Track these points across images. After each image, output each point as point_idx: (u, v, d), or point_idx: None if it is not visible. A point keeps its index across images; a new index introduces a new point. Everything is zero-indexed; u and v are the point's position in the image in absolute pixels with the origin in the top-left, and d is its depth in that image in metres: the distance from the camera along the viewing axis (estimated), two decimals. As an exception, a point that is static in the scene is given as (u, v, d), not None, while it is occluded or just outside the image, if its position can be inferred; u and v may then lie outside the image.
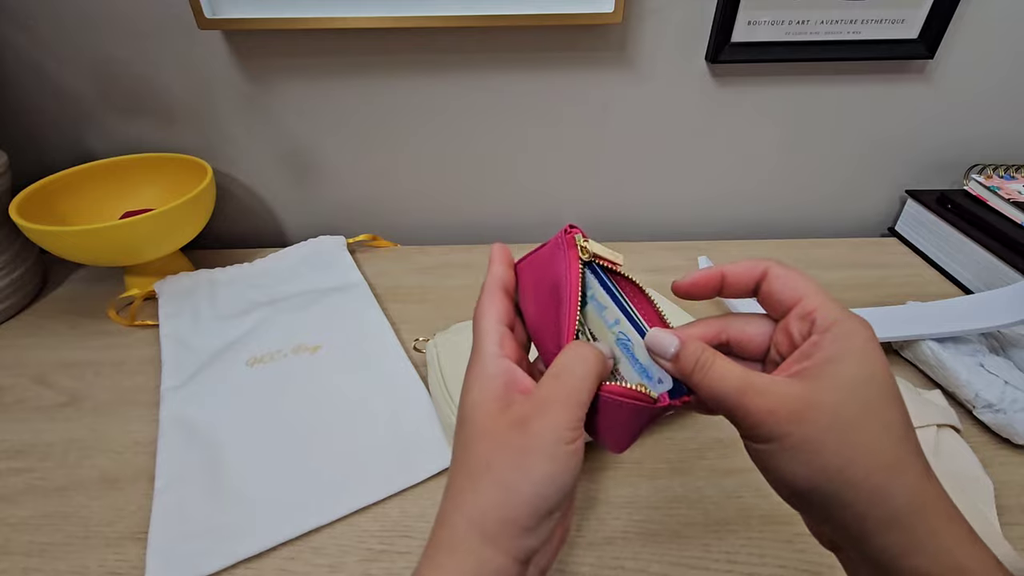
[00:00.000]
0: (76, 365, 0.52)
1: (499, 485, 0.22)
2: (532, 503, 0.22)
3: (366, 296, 0.60)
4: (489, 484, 0.22)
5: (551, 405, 0.23)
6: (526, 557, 0.23)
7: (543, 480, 0.22)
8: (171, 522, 0.38)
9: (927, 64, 0.64)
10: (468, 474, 0.23)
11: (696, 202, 0.74)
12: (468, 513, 0.22)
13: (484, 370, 0.25)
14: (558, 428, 0.22)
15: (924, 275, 0.65)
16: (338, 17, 0.55)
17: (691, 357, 0.23)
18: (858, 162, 0.71)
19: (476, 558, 0.22)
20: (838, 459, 0.20)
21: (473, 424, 0.24)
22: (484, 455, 0.23)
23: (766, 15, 0.58)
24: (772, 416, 0.21)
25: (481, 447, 0.23)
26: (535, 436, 0.22)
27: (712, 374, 0.23)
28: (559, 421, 0.22)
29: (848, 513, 0.20)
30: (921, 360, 0.49)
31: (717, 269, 0.26)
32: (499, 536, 0.22)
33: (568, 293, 0.25)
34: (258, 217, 0.74)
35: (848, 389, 0.21)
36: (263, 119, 0.65)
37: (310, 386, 0.49)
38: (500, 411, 0.24)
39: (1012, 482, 0.40)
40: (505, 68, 0.63)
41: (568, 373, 0.23)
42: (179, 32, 0.58)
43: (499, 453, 0.23)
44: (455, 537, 0.22)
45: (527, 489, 0.22)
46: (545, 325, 0.26)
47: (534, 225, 0.75)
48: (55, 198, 0.58)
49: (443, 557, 0.22)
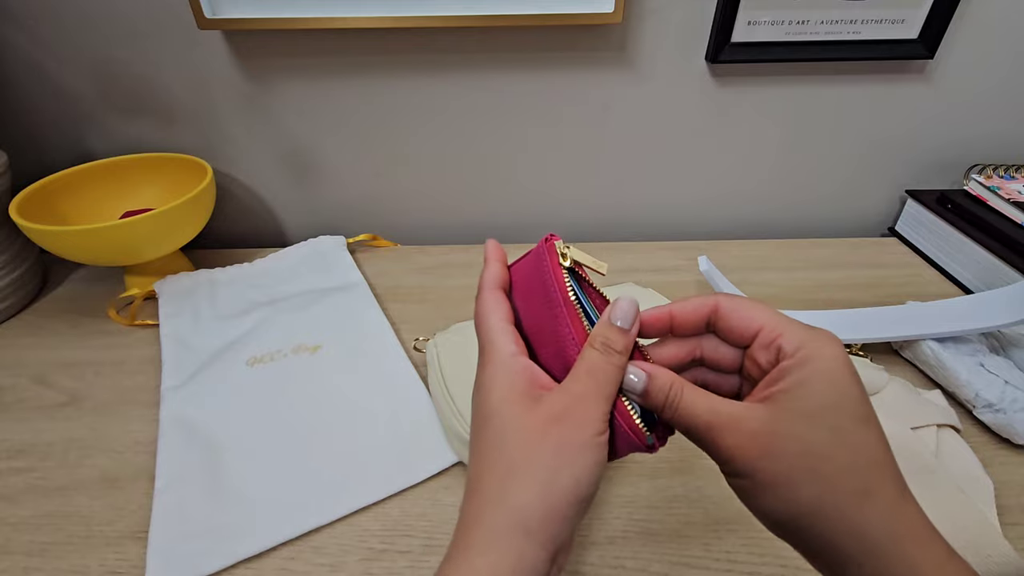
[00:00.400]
0: (76, 365, 0.52)
1: (541, 480, 0.23)
2: (574, 492, 0.23)
3: (366, 296, 0.60)
4: (531, 480, 0.23)
5: (586, 400, 0.24)
6: (556, 552, 0.23)
7: (583, 468, 0.23)
8: (171, 522, 0.38)
9: (927, 64, 0.64)
10: (507, 472, 0.24)
11: (696, 202, 0.74)
12: (510, 510, 0.23)
13: (505, 368, 0.26)
14: (594, 421, 0.23)
15: (924, 275, 0.65)
16: (338, 17, 0.55)
17: (660, 393, 0.24)
18: (858, 162, 0.71)
19: (517, 554, 0.22)
20: (809, 491, 0.20)
21: (504, 422, 0.24)
22: (522, 452, 0.24)
23: (766, 15, 0.58)
24: (741, 451, 0.22)
25: (517, 444, 0.24)
26: (574, 430, 0.23)
27: (680, 410, 0.24)
28: (595, 414, 0.23)
29: (825, 545, 0.21)
30: (921, 360, 0.49)
31: (666, 309, 0.26)
32: (540, 530, 0.22)
33: (560, 300, 0.26)
34: (258, 217, 0.74)
35: (816, 415, 0.21)
36: (263, 119, 0.65)
37: (310, 386, 0.49)
38: (531, 408, 0.24)
39: (1012, 482, 0.40)
40: (505, 68, 0.63)
41: (599, 370, 0.24)
42: (179, 32, 0.58)
43: (538, 448, 0.23)
44: (493, 535, 0.23)
45: (568, 480, 0.23)
46: (540, 331, 0.27)
47: (534, 225, 0.75)
48: (55, 198, 0.58)
49: (477, 557, 0.22)
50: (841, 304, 0.57)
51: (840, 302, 0.58)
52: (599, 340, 0.25)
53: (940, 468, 0.37)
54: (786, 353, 0.23)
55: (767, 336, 0.24)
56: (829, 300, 0.60)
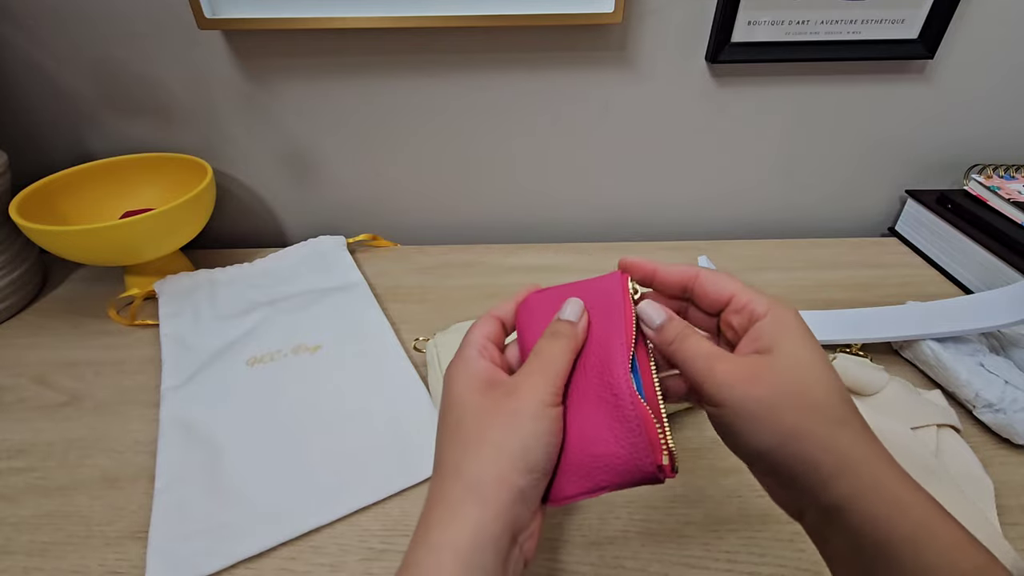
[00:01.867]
0: (76, 365, 0.52)
1: (491, 448, 0.25)
2: (522, 459, 0.25)
3: (366, 296, 0.60)
4: (482, 449, 0.25)
5: (534, 375, 0.27)
6: (517, 529, 0.25)
7: (531, 435, 0.25)
8: (171, 522, 0.38)
9: (927, 64, 0.64)
10: (463, 448, 0.26)
11: (696, 202, 0.74)
12: (464, 481, 0.25)
13: (467, 365, 0.29)
14: (541, 392, 0.26)
15: (924, 275, 0.65)
16: (338, 17, 0.55)
17: (673, 330, 0.27)
18: (858, 162, 0.71)
19: (473, 526, 0.23)
20: (792, 416, 0.23)
21: (463, 405, 0.27)
22: (476, 427, 0.26)
23: (766, 15, 0.58)
24: (734, 377, 0.24)
25: (472, 422, 0.26)
26: (522, 399, 0.26)
27: (687, 344, 0.26)
28: (542, 387, 0.26)
29: (804, 467, 0.23)
30: (921, 360, 0.49)
31: (651, 265, 0.30)
32: (494, 499, 0.24)
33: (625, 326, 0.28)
34: (258, 217, 0.74)
35: (796, 358, 0.24)
36: (263, 119, 0.65)
37: (310, 386, 0.49)
38: (488, 390, 0.27)
39: (1012, 482, 0.40)
40: (505, 68, 0.63)
41: (547, 351, 0.28)
42: (179, 32, 0.58)
43: (492, 419, 0.26)
44: (450, 509, 0.24)
45: (516, 447, 0.25)
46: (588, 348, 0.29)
47: (534, 225, 0.75)
48: (55, 198, 0.58)
49: (436, 533, 0.24)
50: (841, 304, 0.57)
51: (840, 302, 0.58)
52: (548, 330, 0.29)
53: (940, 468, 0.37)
54: (759, 314, 0.26)
55: (738, 302, 0.27)
56: (829, 300, 0.60)
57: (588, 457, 0.26)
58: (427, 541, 0.24)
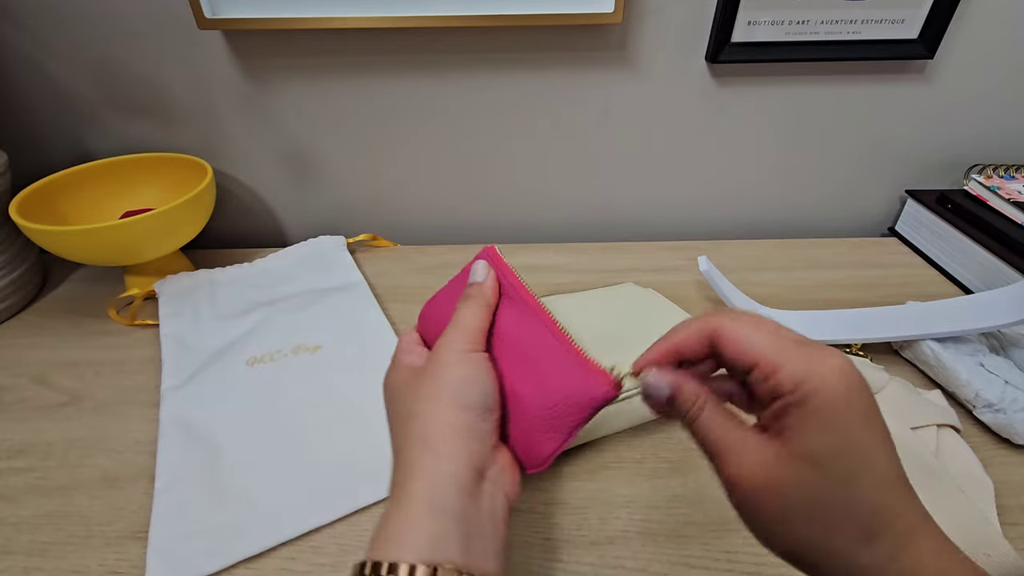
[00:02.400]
0: (76, 365, 0.52)
1: (427, 400, 0.27)
2: (455, 400, 0.27)
3: (366, 296, 0.60)
4: (420, 408, 0.27)
5: (447, 334, 0.29)
6: (478, 463, 0.26)
7: (456, 378, 0.27)
8: (171, 522, 0.38)
9: (927, 64, 0.64)
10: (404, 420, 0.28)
11: (696, 202, 0.74)
12: (412, 440, 0.26)
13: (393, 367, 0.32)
14: (456, 343, 0.28)
15: (924, 275, 0.65)
16: (338, 17, 0.55)
17: (683, 404, 0.24)
18: (858, 162, 0.71)
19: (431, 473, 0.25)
20: (806, 531, 0.20)
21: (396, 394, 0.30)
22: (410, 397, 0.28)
23: (766, 15, 0.58)
24: (741, 481, 0.21)
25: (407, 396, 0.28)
26: (440, 354, 0.28)
27: (696, 426, 0.24)
28: (454, 339, 0.29)
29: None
30: (921, 360, 0.49)
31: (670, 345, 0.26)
32: (441, 443, 0.26)
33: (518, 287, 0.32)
34: (258, 217, 0.74)
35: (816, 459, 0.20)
36: (263, 119, 0.65)
37: (310, 386, 0.49)
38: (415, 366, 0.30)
39: (1012, 482, 0.40)
40: (505, 68, 0.63)
41: (459, 313, 0.30)
42: (179, 32, 0.58)
43: (420, 385, 0.28)
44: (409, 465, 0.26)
45: (447, 392, 0.27)
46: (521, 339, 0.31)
47: (534, 225, 0.75)
48: (55, 198, 0.58)
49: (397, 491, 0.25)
50: (841, 304, 0.57)
51: (840, 302, 0.58)
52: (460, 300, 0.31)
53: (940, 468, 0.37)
54: (784, 390, 0.21)
55: (763, 371, 0.22)
56: (829, 300, 0.60)
57: (547, 411, 0.28)
58: (395, 500, 0.25)
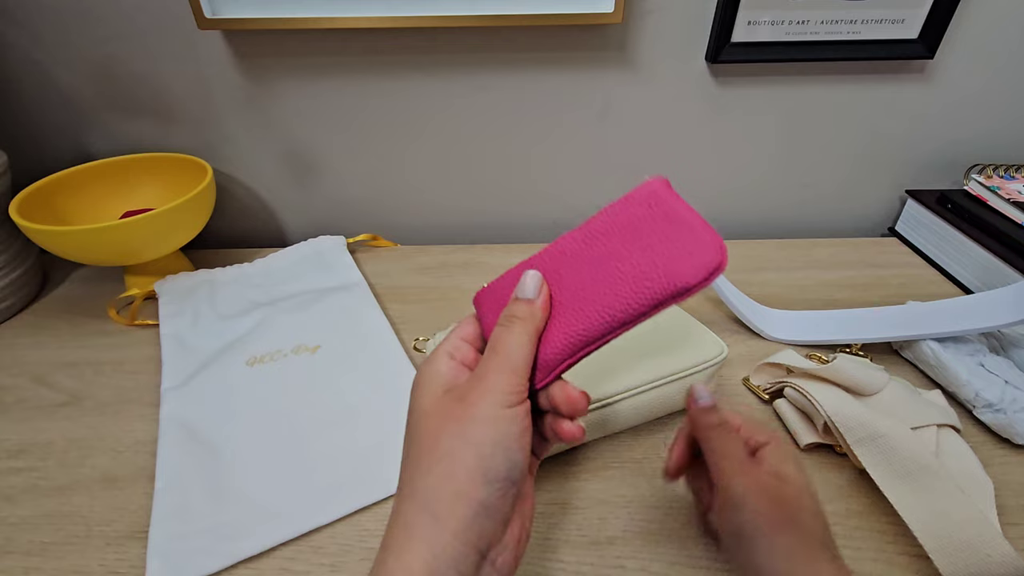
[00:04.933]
0: (76, 365, 0.52)
1: (445, 458, 0.23)
2: (479, 470, 0.22)
3: (366, 296, 0.60)
4: (436, 460, 0.23)
5: (488, 374, 0.24)
6: (483, 545, 0.23)
7: (486, 443, 0.23)
8: (171, 522, 0.38)
9: (927, 64, 0.64)
10: (415, 462, 0.24)
11: (696, 202, 0.73)
12: (419, 496, 0.23)
13: (430, 370, 0.27)
14: (495, 392, 0.24)
15: (924, 275, 0.65)
16: (338, 17, 0.55)
17: (717, 418, 0.30)
18: (858, 162, 0.71)
19: (429, 547, 0.21)
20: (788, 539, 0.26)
21: (419, 413, 0.25)
22: (430, 436, 0.24)
23: (766, 15, 0.58)
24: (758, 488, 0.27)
25: (427, 430, 0.24)
26: (474, 404, 0.23)
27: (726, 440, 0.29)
28: (496, 386, 0.24)
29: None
30: (921, 360, 0.49)
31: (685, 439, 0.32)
32: (449, 516, 0.22)
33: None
34: (258, 217, 0.74)
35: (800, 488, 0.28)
36: (263, 119, 0.65)
37: (310, 386, 0.49)
38: (445, 395, 0.25)
39: (1012, 482, 0.40)
40: (505, 68, 0.63)
41: (502, 343, 0.25)
42: (179, 32, 0.58)
43: (444, 427, 0.24)
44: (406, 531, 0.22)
45: (471, 455, 0.22)
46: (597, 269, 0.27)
47: (534, 225, 0.75)
48: (55, 198, 0.58)
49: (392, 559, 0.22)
50: (841, 304, 0.57)
51: (840, 302, 0.58)
52: (503, 316, 0.26)
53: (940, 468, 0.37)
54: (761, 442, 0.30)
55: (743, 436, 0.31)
56: (829, 300, 0.60)
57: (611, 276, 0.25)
58: (384, 567, 0.22)
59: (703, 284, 0.24)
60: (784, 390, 0.46)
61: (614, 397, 0.41)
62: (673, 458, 0.32)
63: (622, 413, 0.42)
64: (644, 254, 0.25)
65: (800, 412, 0.45)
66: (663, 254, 0.25)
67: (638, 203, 0.28)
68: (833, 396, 0.42)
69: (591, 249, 0.27)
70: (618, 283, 0.25)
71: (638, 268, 0.25)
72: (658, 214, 0.27)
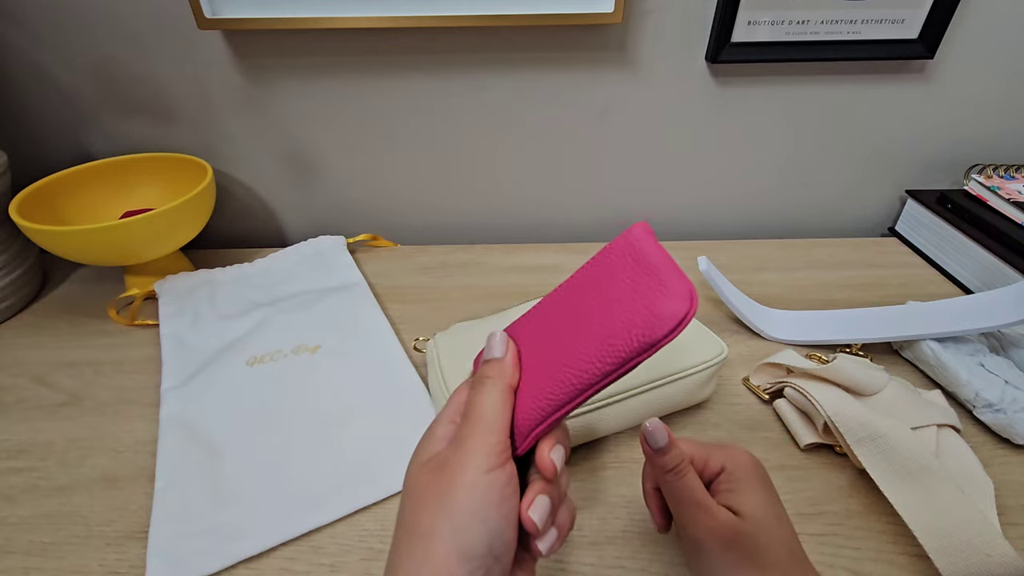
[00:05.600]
0: (76, 365, 0.52)
1: (424, 535, 0.21)
2: (453, 545, 0.21)
3: (366, 296, 0.60)
4: (416, 539, 0.22)
5: (464, 439, 0.23)
6: None
7: (463, 512, 0.21)
8: (171, 522, 0.38)
9: (927, 64, 0.64)
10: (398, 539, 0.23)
11: (696, 202, 0.74)
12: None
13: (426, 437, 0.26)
14: (474, 455, 0.22)
15: (924, 275, 0.65)
16: (338, 17, 0.55)
17: (673, 459, 0.28)
18: (858, 162, 0.71)
19: None
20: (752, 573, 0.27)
21: (406, 487, 0.24)
22: (412, 511, 0.23)
23: (766, 15, 0.58)
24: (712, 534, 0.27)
25: (410, 505, 0.23)
26: (452, 473, 0.22)
27: (684, 482, 0.28)
28: (474, 449, 0.23)
29: None
30: (921, 360, 0.49)
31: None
32: None
33: None
34: (258, 217, 0.74)
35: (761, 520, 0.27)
36: (263, 119, 0.65)
37: (310, 386, 0.49)
38: (426, 462, 0.24)
39: (1012, 482, 0.40)
40: (505, 68, 0.63)
41: (475, 406, 0.24)
42: (179, 32, 0.58)
43: (423, 503, 0.22)
44: None
45: (447, 529, 0.21)
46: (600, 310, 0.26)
47: (534, 225, 0.75)
48: (55, 198, 0.58)
49: None
50: (841, 304, 0.57)
51: (840, 302, 0.58)
52: (474, 380, 0.26)
53: (940, 468, 0.37)
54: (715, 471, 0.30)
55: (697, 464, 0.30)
56: (829, 300, 0.60)
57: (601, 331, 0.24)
58: None
59: (670, 337, 0.22)
60: (784, 390, 0.46)
61: (615, 396, 0.41)
62: (654, 513, 0.32)
63: (620, 414, 0.42)
64: (610, 309, 0.24)
65: (800, 412, 0.45)
66: (628, 308, 0.23)
67: (615, 253, 0.27)
68: (833, 396, 0.42)
69: (565, 306, 0.27)
70: (585, 342, 0.24)
71: (603, 325, 0.24)
72: (629, 263, 0.25)
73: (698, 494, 0.28)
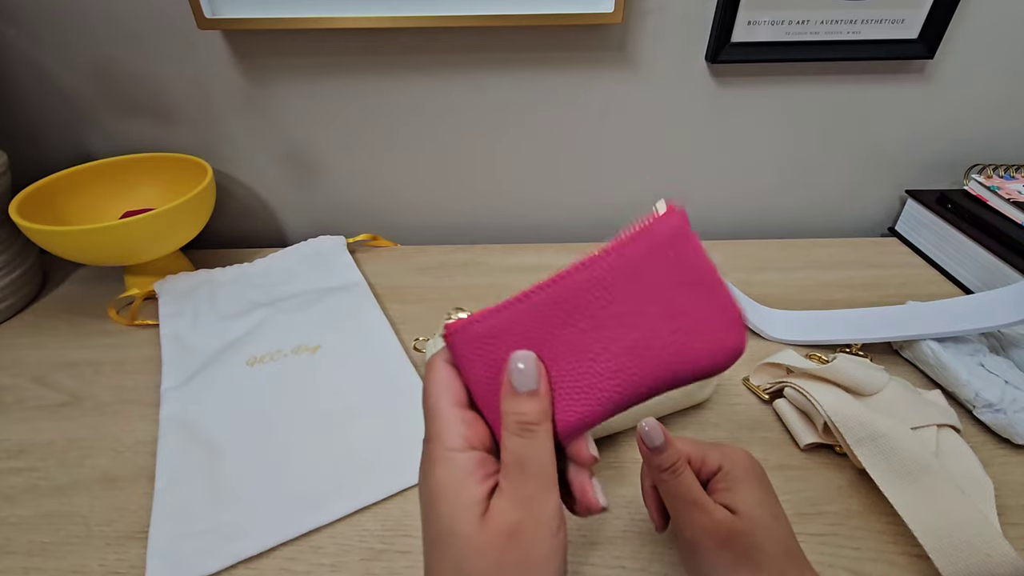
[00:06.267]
0: (76, 365, 0.52)
1: None
2: None
3: (366, 296, 0.60)
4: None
5: (532, 502, 0.22)
6: None
7: None
8: (171, 522, 0.38)
9: (927, 64, 0.64)
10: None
11: (696, 202, 0.74)
12: None
13: (452, 467, 0.23)
14: (548, 521, 0.22)
15: (924, 275, 0.65)
16: (338, 17, 0.55)
17: (669, 459, 0.29)
18: (858, 162, 0.71)
19: None
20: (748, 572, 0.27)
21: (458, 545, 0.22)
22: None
23: (766, 15, 0.58)
24: (707, 532, 0.28)
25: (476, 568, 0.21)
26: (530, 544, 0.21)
27: (680, 481, 0.29)
28: (547, 513, 0.22)
29: None
30: (921, 360, 0.49)
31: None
32: None
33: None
34: (258, 217, 0.74)
35: (757, 519, 0.28)
36: (263, 119, 0.65)
37: (310, 386, 0.49)
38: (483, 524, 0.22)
39: (1012, 482, 0.40)
40: (505, 68, 0.63)
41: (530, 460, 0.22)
42: (179, 32, 0.58)
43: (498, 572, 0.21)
44: None
45: None
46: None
47: (534, 225, 0.75)
48: (55, 198, 0.58)
49: None
50: (841, 304, 0.57)
51: (840, 302, 0.58)
52: (512, 420, 0.22)
53: (940, 468, 0.37)
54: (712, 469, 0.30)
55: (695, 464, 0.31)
56: (829, 300, 0.60)
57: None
58: None
59: (720, 371, 0.21)
60: (784, 390, 0.46)
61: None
62: (652, 512, 0.32)
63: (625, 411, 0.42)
64: (653, 323, 0.21)
65: (800, 412, 0.45)
66: (681, 327, 0.21)
67: (653, 245, 0.23)
68: (833, 396, 0.42)
69: (593, 304, 0.23)
70: (624, 359, 0.22)
71: (649, 343, 0.21)
72: (670, 262, 0.22)
73: (694, 493, 0.28)
